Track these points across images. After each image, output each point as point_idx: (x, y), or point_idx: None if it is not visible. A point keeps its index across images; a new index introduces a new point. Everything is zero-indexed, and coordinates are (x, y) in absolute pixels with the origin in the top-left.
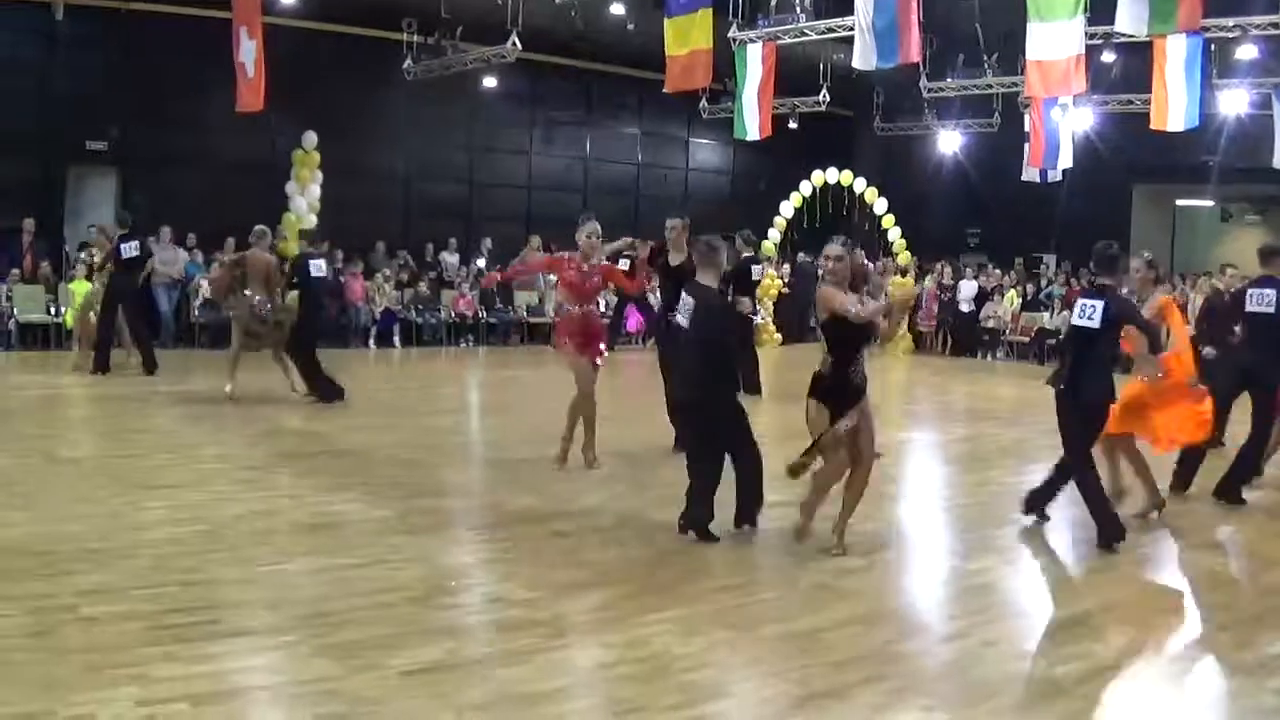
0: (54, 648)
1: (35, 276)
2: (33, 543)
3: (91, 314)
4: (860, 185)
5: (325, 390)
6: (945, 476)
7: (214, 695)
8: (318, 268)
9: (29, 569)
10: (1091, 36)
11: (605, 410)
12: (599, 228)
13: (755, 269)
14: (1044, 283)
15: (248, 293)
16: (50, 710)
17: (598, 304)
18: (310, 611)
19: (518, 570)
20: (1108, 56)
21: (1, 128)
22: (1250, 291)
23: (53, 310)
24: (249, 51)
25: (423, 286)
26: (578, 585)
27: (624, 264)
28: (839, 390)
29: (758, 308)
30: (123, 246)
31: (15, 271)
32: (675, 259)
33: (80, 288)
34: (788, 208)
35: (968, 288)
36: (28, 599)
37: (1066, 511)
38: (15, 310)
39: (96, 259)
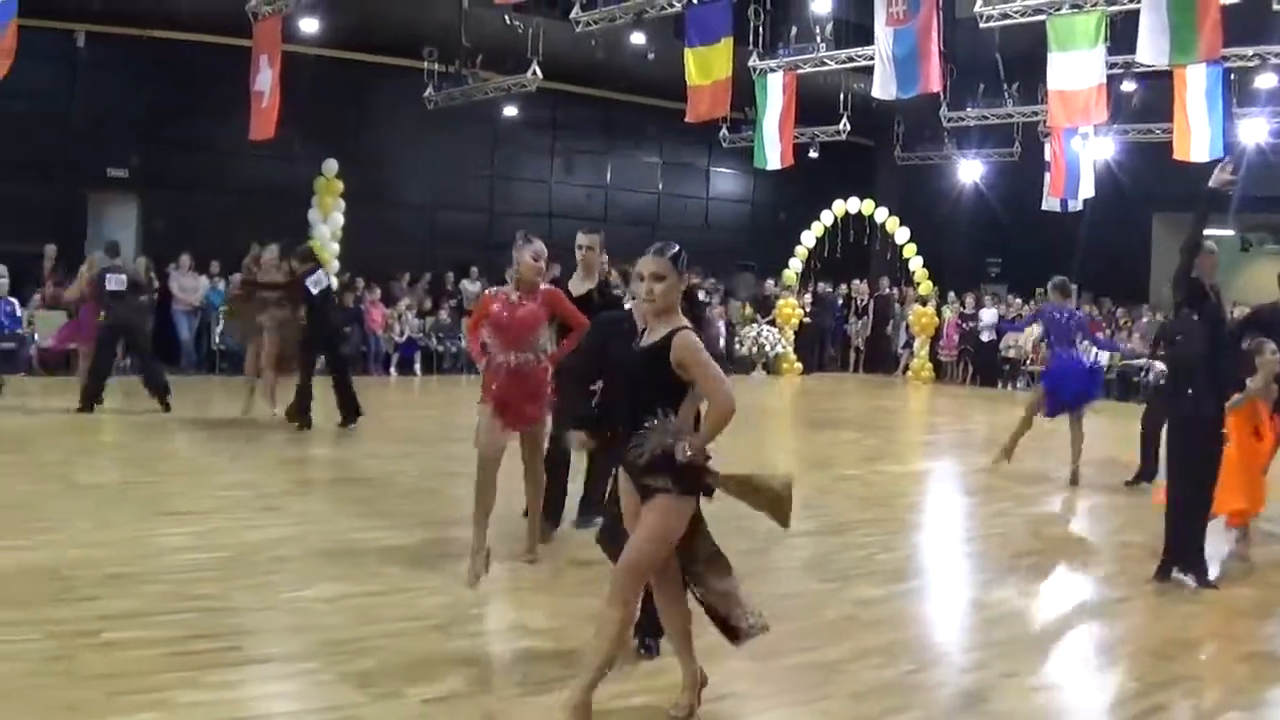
0: (75, 673)
1: (57, 302)
2: (54, 568)
3: None
4: (881, 214)
5: (302, 415)
6: (965, 507)
7: None
8: (314, 283)
9: (50, 594)
10: (1112, 66)
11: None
12: (544, 249)
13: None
14: None
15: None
16: None
17: (534, 349)
18: (331, 639)
19: (538, 599)
20: (1128, 86)
21: (23, 154)
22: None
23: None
24: (265, 79)
25: (443, 314)
26: (596, 615)
27: None
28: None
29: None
30: (108, 278)
31: (36, 297)
32: (580, 286)
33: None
34: (809, 237)
35: (988, 317)
36: (48, 624)
37: (1087, 543)
38: (36, 335)
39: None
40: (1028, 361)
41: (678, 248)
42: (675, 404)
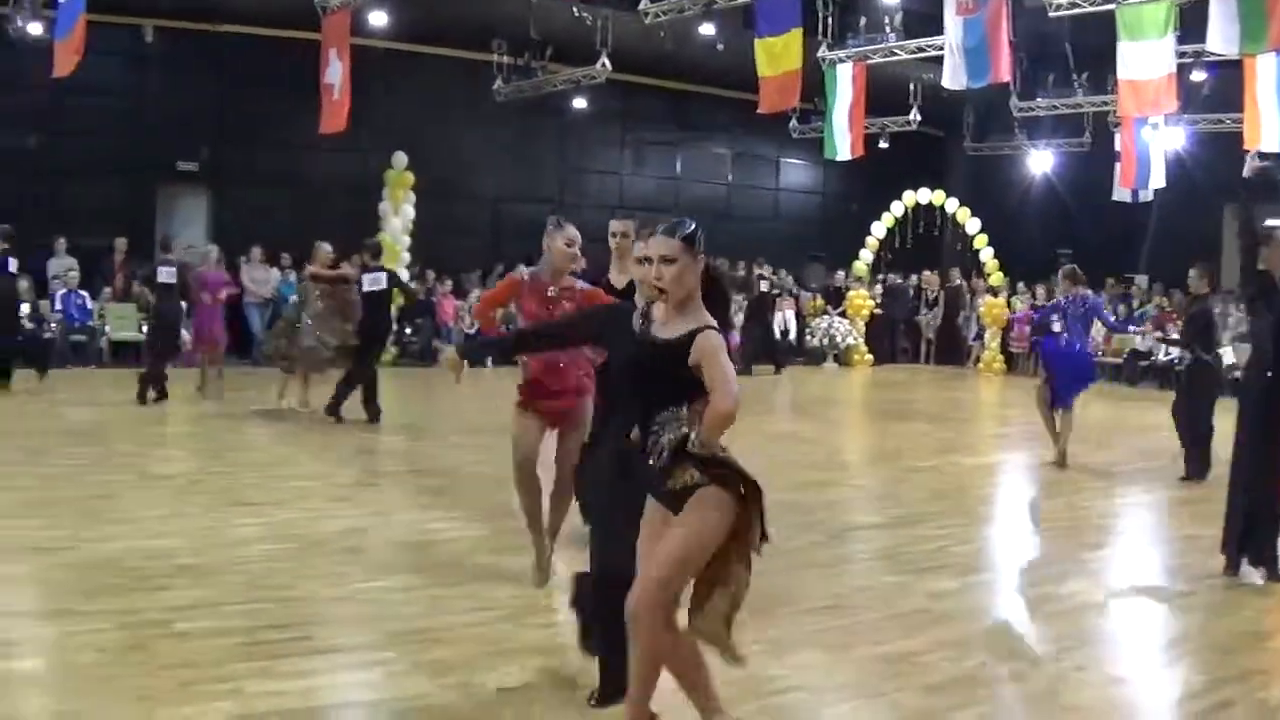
0: (148, 662)
1: (127, 295)
2: (127, 558)
3: None
4: (952, 205)
5: (335, 409)
6: (1037, 499)
7: (307, 711)
8: (372, 280)
9: (124, 584)
10: (1182, 55)
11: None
12: (577, 234)
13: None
14: (1136, 304)
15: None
16: None
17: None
18: (403, 629)
19: None
20: (1198, 75)
21: (93, 149)
22: None
23: (144, 328)
24: (336, 73)
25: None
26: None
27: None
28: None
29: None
30: (159, 270)
31: (107, 290)
32: (619, 279)
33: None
34: (879, 228)
35: None
36: (122, 614)
37: (1157, 536)
38: (108, 328)
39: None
40: (1099, 354)
41: (693, 225)
42: (691, 399)
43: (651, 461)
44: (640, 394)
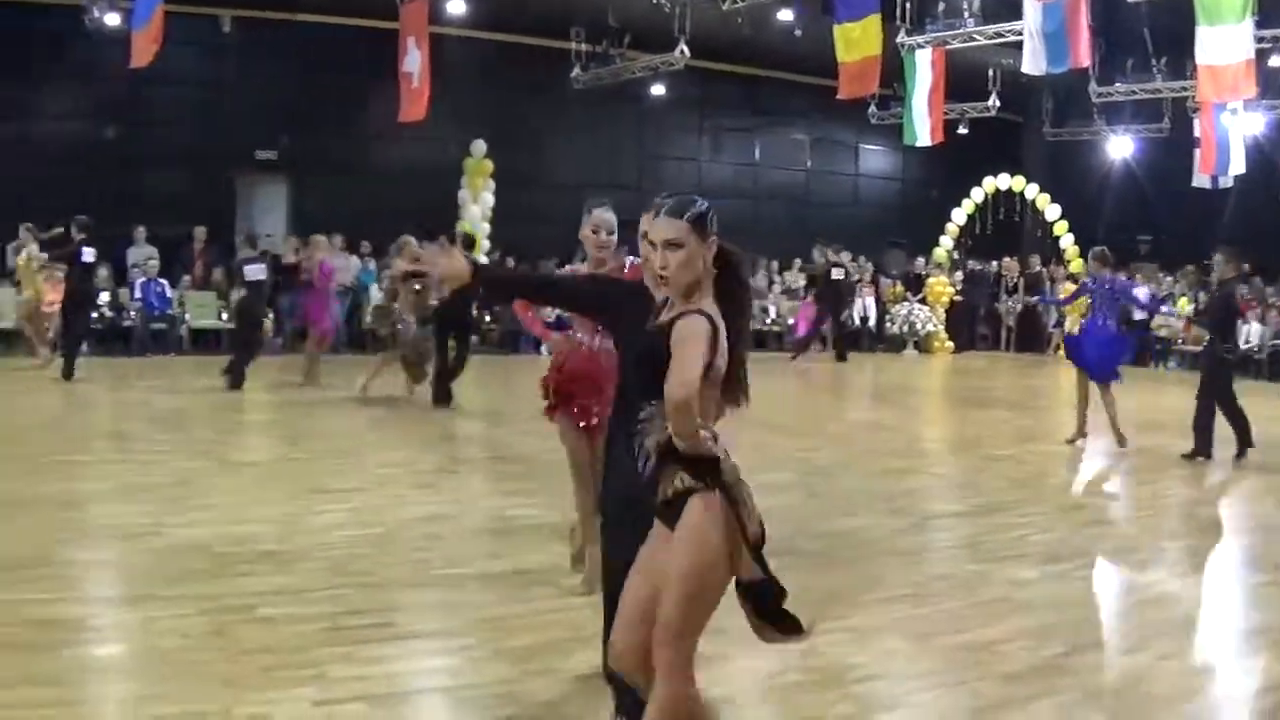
0: (231, 648)
1: (207, 283)
2: (210, 544)
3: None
4: (1032, 191)
5: (441, 394)
6: (1117, 488)
7: (390, 697)
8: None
9: (207, 570)
10: (1260, 40)
11: (785, 419)
12: (611, 219)
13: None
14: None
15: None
16: (226, 709)
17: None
18: (485, 615)
19: None
20: (1277, 61)
21: (171, 139)
22: None
23: (224, 316)
24: (414, 61)
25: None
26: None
27: None
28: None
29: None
30: (246, 269)
31: (187, 278)
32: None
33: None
34: (960, 214)
35: (1140, 295)
36: (206, 599)
37: (1239, 525)
38: (187, 316)
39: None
40: (1180, 341)
41: (702, 205)
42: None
43: (640, 468)
44: (635, 390)
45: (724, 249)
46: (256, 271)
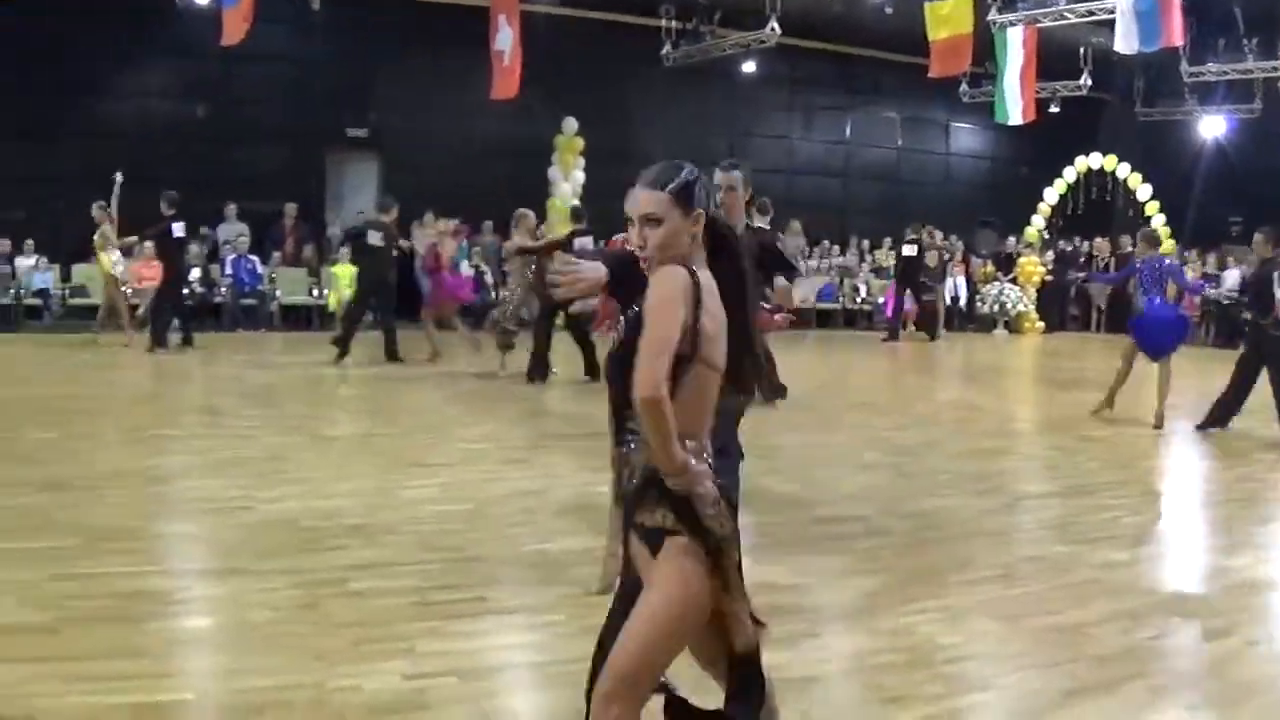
0: (321, 621)
1: (298, 260)
2: (301, 518)
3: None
4: (1123, 170)
5: (539, 369)
6: (1209, 471)
7: (480, 671)
8: (580, 244)
9: (298, 544)
10: None
11: (875, 398)
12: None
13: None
14: None
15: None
16: (318, 682)
17: None
18: (573, 591)
19: (781, 556)
20: None
21: (262, 116)
22: None
23: (315, 292)
24: (506, 39)
25: None
26: (841, 572)
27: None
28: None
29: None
30: (369, 233)
31: (277, 255)
32: None
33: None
34: (1052, 193)
35: (1231, 278)
36: (297, 573)
37: None
38: (278, 292)
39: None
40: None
41: (686, 175)
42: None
43: (624, 479)
44: (619, 388)
45: (715, 223)
46: (379, 238)
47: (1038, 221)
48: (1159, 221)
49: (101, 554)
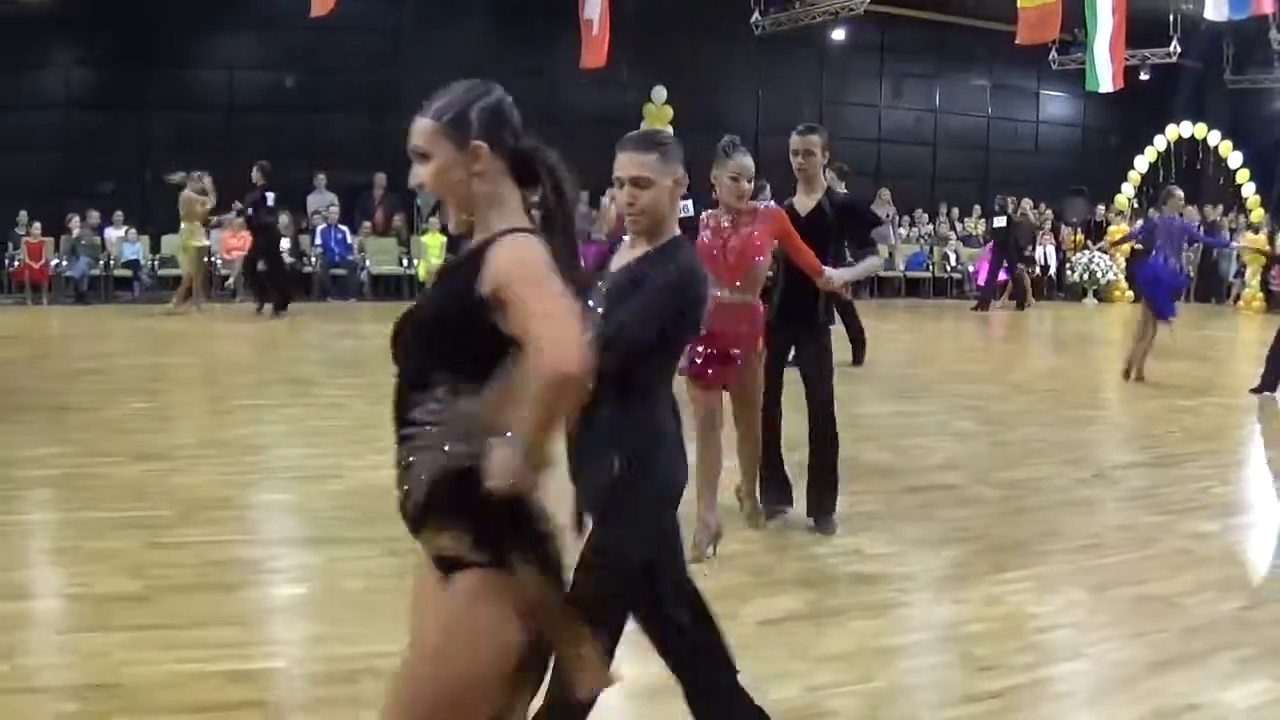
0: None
1: (387, 230)
2: (391, 487)
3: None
4: (1214, 139)
5: None
6: None
7: None
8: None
9: (390, 513)
10: None
11: (966, 366)
12: (751, 164)
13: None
14: None
15: None
16: None
17: (752, 288)
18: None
19: (872, 524)
20: None
21: (352, 86)
22: None
23: (404, 262)
24: (595, 7)
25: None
26: (932, 541)
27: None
28: None
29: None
30: (266, 195)
31: (367, 225)
32: (804, 202)
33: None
34: (1142, 162)
35: None
36: (390, 541)
37: None
38: (368, 262)
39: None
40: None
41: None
42: (479, 374)
43: (401, 494)
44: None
45: (532, 158)
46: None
47: (1128, 190)
48: (1249, 189)
49: (194, 523)
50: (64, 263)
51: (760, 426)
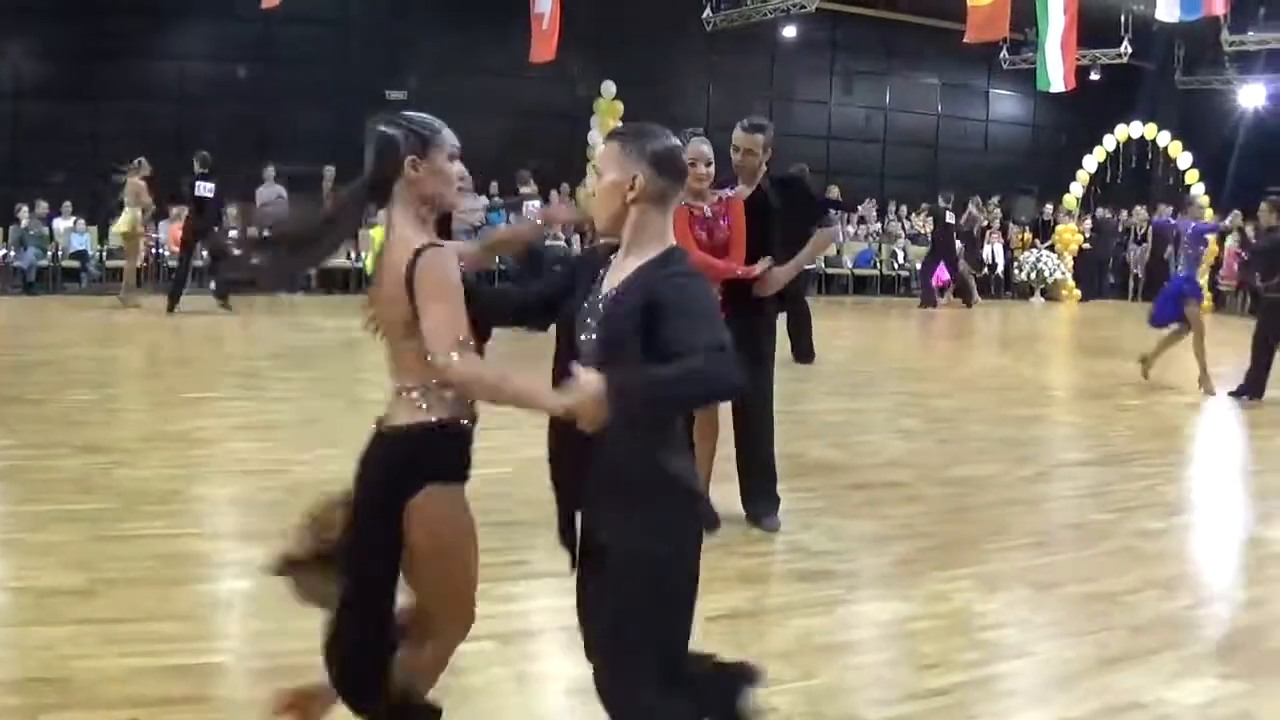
0: None
1: None
2: (336, 482)
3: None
4: (1164, 140)
5: None
6: (1247, 440)
7: (518, 634)
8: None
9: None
10: None
11: (911, 365)
12: (709, 150)
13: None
14: None
15: None
16: None
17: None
18: None
19: (818, 521)
20: None
21: (301, 78)
22: None
23: (351, 255)
24: (546, 2)
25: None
26: (878, 538)
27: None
28: None
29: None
30: (198, 184)
31: None
32: (743, 191)
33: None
34: (1091, 162)
35: None
36: None
37: None
38: None
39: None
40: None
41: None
42: None
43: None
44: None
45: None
46: (206, 189)
47: (1076, 189)
48: (1199, 190)
49: (140, 517)
50: (12, 253)
51: (718, 422)
